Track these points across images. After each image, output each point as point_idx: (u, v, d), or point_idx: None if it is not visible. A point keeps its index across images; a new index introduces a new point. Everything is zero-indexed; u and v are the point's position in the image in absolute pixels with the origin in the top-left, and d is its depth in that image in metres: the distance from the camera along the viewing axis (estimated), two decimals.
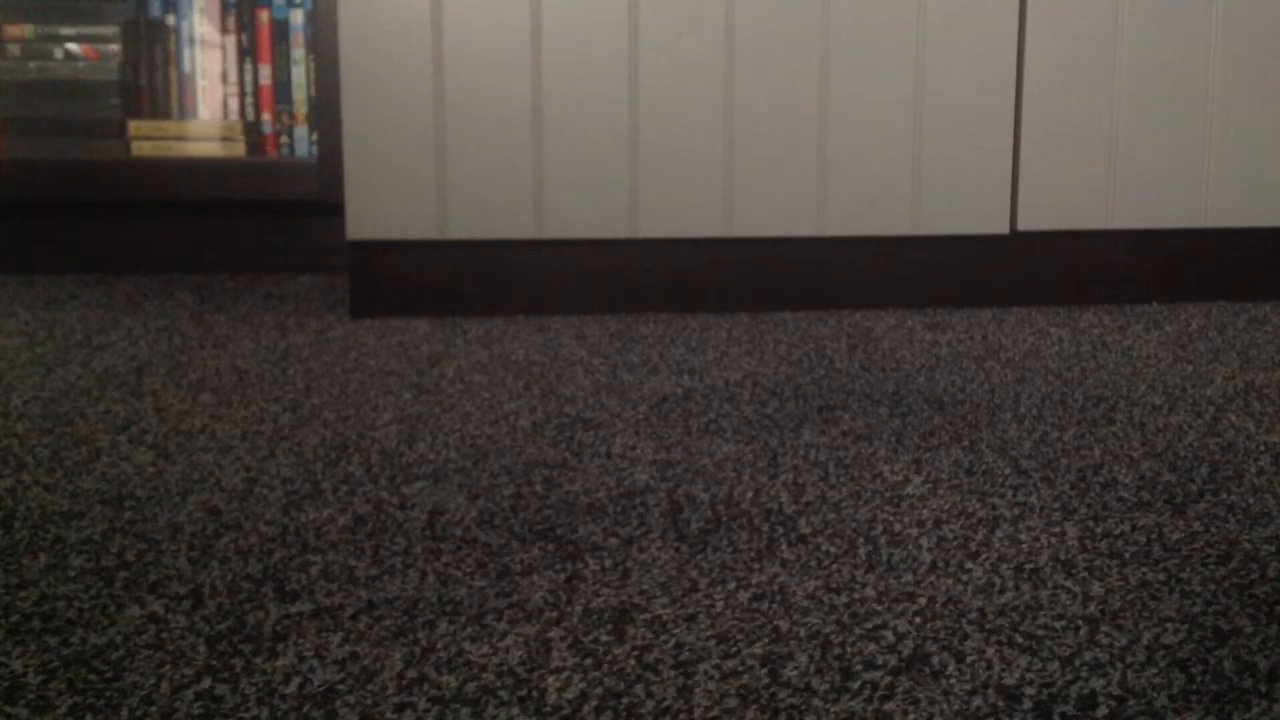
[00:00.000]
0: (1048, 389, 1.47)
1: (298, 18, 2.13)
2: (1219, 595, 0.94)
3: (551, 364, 1.57)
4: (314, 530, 1.06)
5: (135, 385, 1.48)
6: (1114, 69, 1.83)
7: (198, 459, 1.23)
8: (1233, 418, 1.36)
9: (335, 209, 2.15)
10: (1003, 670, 0.83)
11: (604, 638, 0.87)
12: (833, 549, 1.02)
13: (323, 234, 2.16)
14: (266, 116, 2.15)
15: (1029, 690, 0.81)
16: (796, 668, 0.83)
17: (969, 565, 0.99)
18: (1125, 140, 1.84)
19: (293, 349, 1.64)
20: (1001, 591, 0.95)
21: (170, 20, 2.14)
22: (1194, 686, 0.81)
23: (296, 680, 0.82)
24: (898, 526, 1.07)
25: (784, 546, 1.03)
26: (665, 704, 0.79)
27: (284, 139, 2.15)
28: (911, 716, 0.78)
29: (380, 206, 1.77)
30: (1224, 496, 1.14)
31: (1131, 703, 0.79)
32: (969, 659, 0.84)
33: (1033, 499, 1.13)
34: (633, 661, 0.84)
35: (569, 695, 0.80)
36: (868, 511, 1.10)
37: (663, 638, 0.87)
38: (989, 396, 1.44)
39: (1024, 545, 1.03)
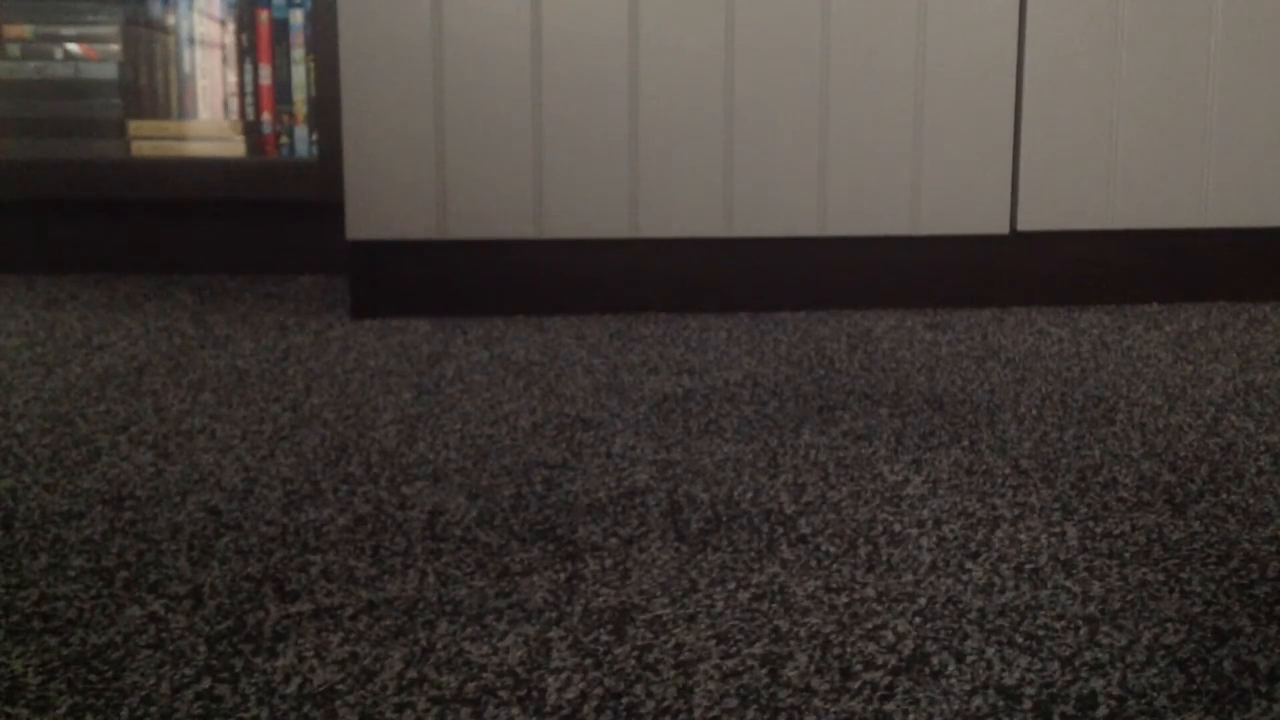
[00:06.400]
0: (1048, 389, 1.47)
1: (298, 18, 2.13)
2: (1219, 595, 0.94)
3: (551, 364, 1.57)
4: (314, 530, 1.06)
5: (135, 385, 1.48)
6: (1114, 69, 1.83)
7: (198, 459, 1.23)
8: (1233, 418, 1.36)
9: (335, 209, 2.15)
10: (1003, 670, 0.83)
11: (604, 638, 0.87)
12: (833, 549, 1.02)
13: (323, 234, 2.16)
14: (266, 116, 2.15)
15: (1029, 690, 0.81)
16: (796, 668, 0.83)
17: (969, 565, 0.99)
18: (1125, 140, 1.84)
19: (293, 349, 1.64)
20: (1001, 591, 0.95)
21: (170, 20, 2.14)
22: (1194, 686, 0.81)
23: (296, 680, 0.82)
24: (898, 526, 1.07)
25: (784, 546, 1.03)
26: (665, 704, 0.79)
27: (284, 139, 2.15)
28: (911, 716, 0.78)
29: (380, 206, 1.77)
30: (1224, 496, 1.14)
31: (1131, 703, 0.79)
32: (969, 659, 0.84)
33: (1033, 499, 1.13)
34: (633, 661, 0.84)
35: (569, 695, 0.80)
36: (868, 511, 1.10)
37: (663, 638, 0.87)
38: (989, 396, 1.44)
39: (1024, 545, 1.03)
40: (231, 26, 2.14)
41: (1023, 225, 1.84)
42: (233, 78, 2.15)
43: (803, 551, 1.02)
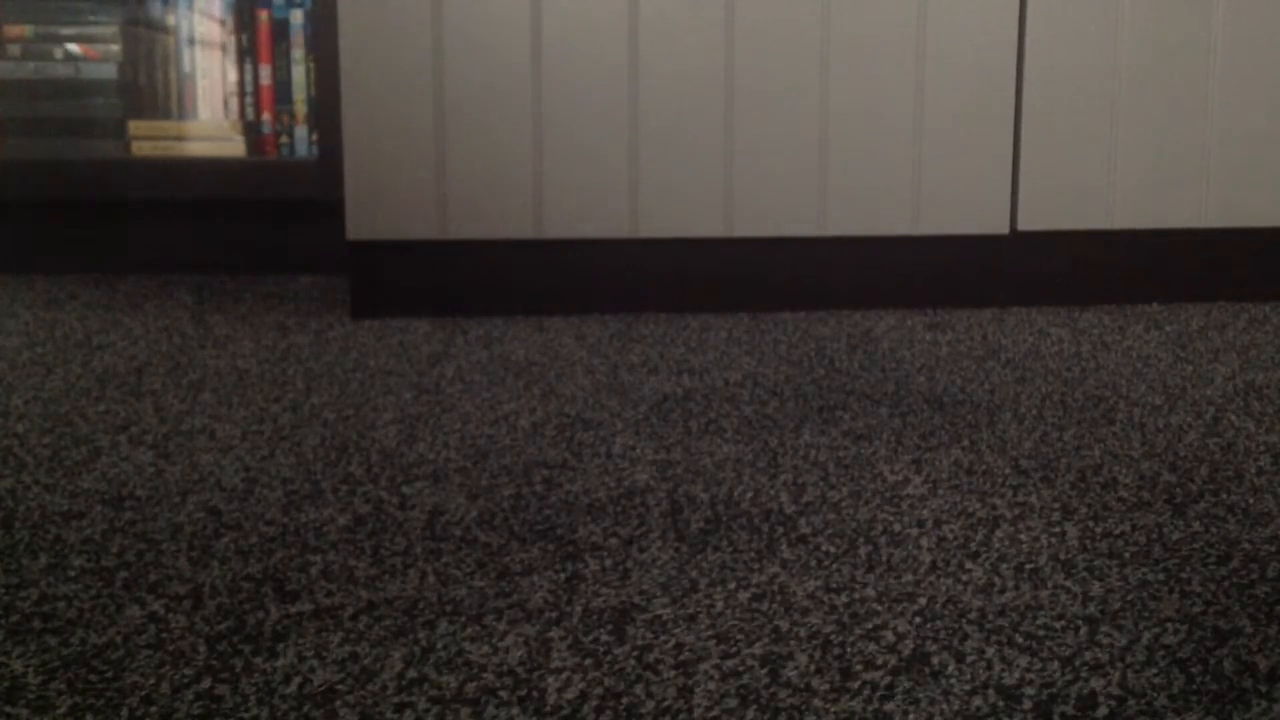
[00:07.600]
0: (1048, 389, 1.47)
1: (298, 18, 2.13)
2: (1219, 595, 0.94)
3: (551, 364, 1.57)
4: (314, 530, 1.06)
5: (135, 385, 1.48)
6: (1114, 68, 1.83)
7: (198, 459, 1.23)
8: (1233, 418, 1.36)
9: (335, 209, 2.15)
10: (1003, 670, 0.83)
11: (604, 638, 0.87)
12: (833, 549, 1.02)
13: (323, 234, 2.16)
14: (266, 116, 2.15)
15: (1029, 690, 0.81)
16: (796, 668, 0.83)
17: (969, 565, 0.99)
18: (1125, 140, 1.84)
19: (293, 349, 1.64)
20: (1001, 591, 0.95)
21: (170, 20, 2.14)
22: (1194, 686, 0.81)
23: (296, 680, 0.82)
24: (898, 526, 1.07)
25: (784, 546, 1.03)
26: (665, 704, 0.79)
27: (284, 139, 2.15)
28: (911, 716, 0.78)
29: (380, 206, 1.77)
30: (1224, 496, 1.14)
31: (1131, 703, 0.79)
32: (969, 659, 0.84)
33: (1033, 499, 1.13)
34: (633, 661, 0.84)
35: (569, 695, 0.80)
36: (868, 511, 1.10)
37: (663, 638, 0.87)
38: (989, 396, 1.44)
39: (1024, 545, 1.03)
40: (231, 26, 2.14)
41: (1023, 225, 1.85)
42: (233, 78, 2.15)
43: (803, 551, 1.02)
